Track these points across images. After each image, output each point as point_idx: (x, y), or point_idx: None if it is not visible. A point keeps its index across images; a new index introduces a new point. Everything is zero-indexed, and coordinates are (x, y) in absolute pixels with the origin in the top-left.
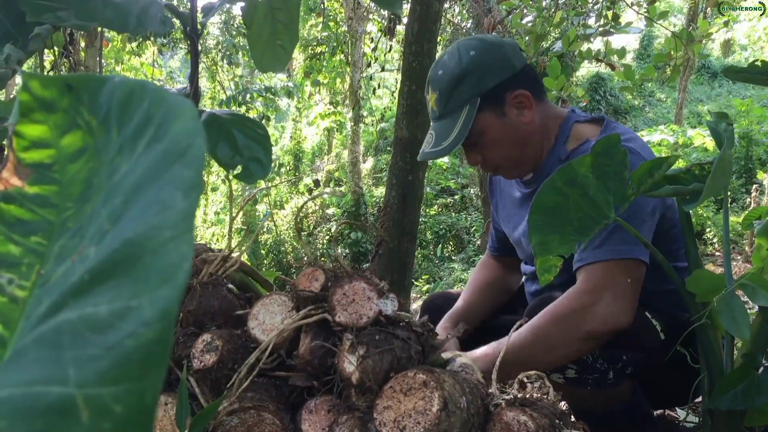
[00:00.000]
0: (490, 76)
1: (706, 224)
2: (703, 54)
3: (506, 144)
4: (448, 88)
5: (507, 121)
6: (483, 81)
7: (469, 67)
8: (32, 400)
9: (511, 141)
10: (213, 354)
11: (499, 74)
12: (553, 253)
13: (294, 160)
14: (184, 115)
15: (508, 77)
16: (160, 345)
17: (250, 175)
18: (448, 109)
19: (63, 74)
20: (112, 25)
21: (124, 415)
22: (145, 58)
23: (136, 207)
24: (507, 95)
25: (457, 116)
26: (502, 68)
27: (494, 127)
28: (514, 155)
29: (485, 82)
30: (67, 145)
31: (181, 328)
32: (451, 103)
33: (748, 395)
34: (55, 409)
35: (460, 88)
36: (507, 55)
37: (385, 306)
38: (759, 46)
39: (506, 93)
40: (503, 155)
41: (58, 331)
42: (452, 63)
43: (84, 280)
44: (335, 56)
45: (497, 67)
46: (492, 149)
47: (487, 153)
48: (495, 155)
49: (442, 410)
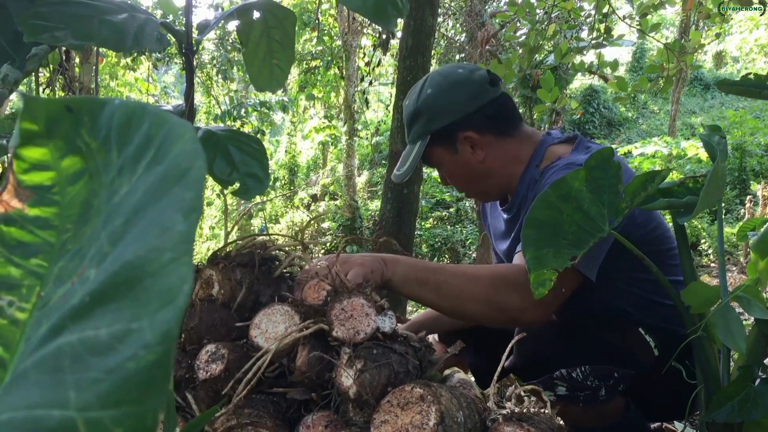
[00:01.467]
0: (439, 118)
1: (700, 235)
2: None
3: (463, 177)
4: (407, 122)
5: (460, 158)
6: (432, 121)
7: (422, 107)
8: (33, 424)
9: (467, 175)
10: (219, 363)
11: (448, 116)
12: (547, 267)
13: (289, 174)
14: (184, 137)
15: (457, 119)
16: (161, 368)
17: (247, 191)
18: (409, 140)
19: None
20: (108, 44)
21: None
22: (140, 74)
23: (137, 229)
24: (458, 135)
25: (412, 148)
26: (451, 111)
27: (448, 161)
28: (476, 185)
29: (434, 122)
30: (67, 167)
31: (179, 348)
32: (410, 135)
33: (745, 408)
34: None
35: (415, 125)
36: (462, 97)
37: (383, 323)
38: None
39: (456, 133)
40: (464, 185)
41: (58, 354)
42: (412, 97)
43: (84, 303)
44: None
45: (447, 109)
46: (453, 179)
47: (451, 181)
48: (457, 184)
49: (439, 424)
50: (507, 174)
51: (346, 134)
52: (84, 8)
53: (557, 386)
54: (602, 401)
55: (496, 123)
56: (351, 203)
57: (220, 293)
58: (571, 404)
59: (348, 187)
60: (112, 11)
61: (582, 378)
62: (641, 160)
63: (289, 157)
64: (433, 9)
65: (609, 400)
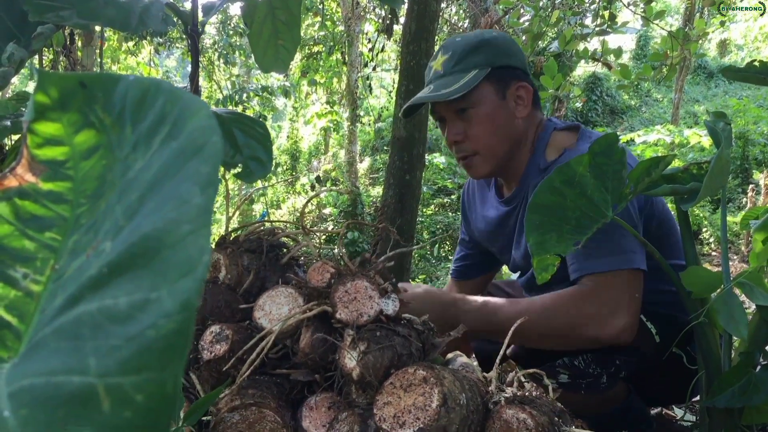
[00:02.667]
0: (506, 56)
1: (702, 224)
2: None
3: (495, 126)
4: (463, 51)
5: (503, 105)
6: (498, 56)
7: (490, 40)
8: (53, 390)
9: (500, 126)
10: (224, 344)
11: (514, 60)
12: (550, 252)
13: (291, 160)
14: (199, 113)
15: (518, 67)
16: (181, 336)
17: (250, 174)
18: (456, 69)
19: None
20: (114, 24)
21: (146, 404)
22: (142, 58)
23: (153, 202)
24: (512, 83)
25: (462, 76)
26: (517, 57)
27: (492, 103)
28: (496, 144)
29: (500, 57)
30: (80, 142)
31: None
32: (462, 63)
33: (746, 393)
34: (77, 398)
35: (475, 53)
36: (521, 54)
37: (387, 305)
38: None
39: (512, 80)
40: (487, 138)
41: (77, 322)
42: (473, 34)
43: (102, 273)
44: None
45: (514, 53)
46: (479, 126)
47: (473, 129)
48: (480, 134)
49: (441, 406)
50: (519, 149)
51: (348, 120)
52: None
53: (559, 374)
54: (604, 388)
55: (536, 93)
56: (352, 189)
57: (227, 278)
58: (574, 392)
59: (350, 173)
60: None
61: (584, 366)
62: (644, 148)
63: (291, 143)
64: None
65: (611, 387)
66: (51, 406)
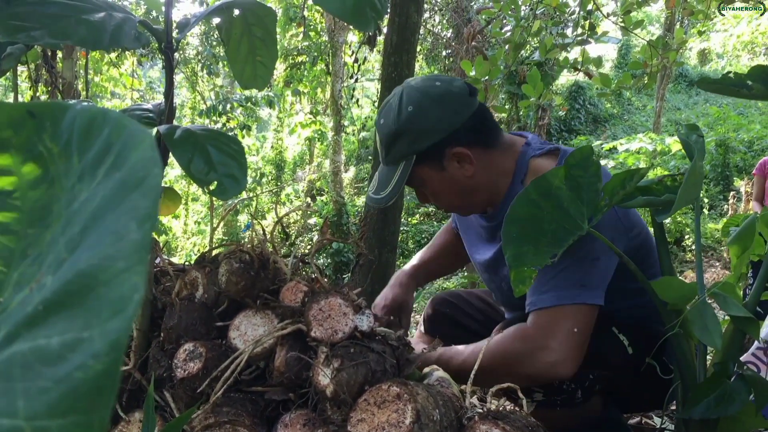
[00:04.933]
0: (425, 137)
1: (685, 231)
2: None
3: (450, 194)
4: (386, 142)
5: (447, 175)
6: (417, 142)
7: (404, 126)
8: None
9: (455, 192)
10: (197, 361)
11: (435, 135)
12: (527, 264)
13: (276, 170)
14: (143, 144)
15: (444, 136)
16: (109, 377)
17: (224, 191)
18: (388, 160)
19: (25, 102)
20: (86, 43)
21: None
22: (124, 69)
23: (93, 236)
24: (445, 151)
25: (395, 168)
26: (437, 129)
27: (434, 180)
28: (461, 203)
29: (420, 142)
30: (28, 172)
31: (158, 347)
32: (390, 156)
33: (721, 404)
34: None
35: (397, 145)
36: (446, 113)
37: (361, 322)
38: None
39: (444, 150)
40: (450, 201)
41: (9, 362)
42: (391, 117)
43: (38, 311)
44: (316, 66)
45: (432, 128)
46: (437, 198)
47: (433, 200)
48: (441, 203)
49: (414, 423)
50: (494, 187)
51: (333, 130)
52: (61, 8)
53: (534, 392)
54: (579, 403)
55: (480, 135)
56: (337, 199)
57: (204, 296)
58: (550, 408)
59: (335, 183)
60: (89, 10)
61: (558, 383)
62: (626, 156)
63: (276, 153)
64: (417, 6)
65: (586, 401)
66: None
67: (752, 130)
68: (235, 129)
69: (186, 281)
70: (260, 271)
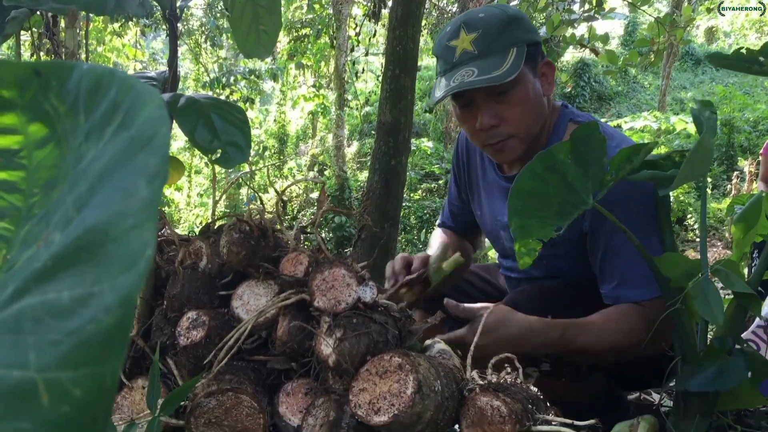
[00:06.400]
0: (534, 31)
1: (687, 210)
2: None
3: (531, 107)
4: (496, 27)
5: (537, 84)
6: (529, 31)
7: (518, 15)
8: None
9: (535, 106)
10: (200, 329)
11: (536, 35)
12: (532, 236)
13: (278, 144)
14: (151, 103)
15: (540, 42)
16: (120, 331)
17: (228, 160)
18: (493, 47)
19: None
20: (90, 8)
21: (84, 398)
22: (127, 39)
23: (101, 194)
24: (539, 59)
25: (503, 55)
26: (537, 32)
27: (530, 83)
28: (533, 124)
29: (530, 33)
30: (34, 131)
31: (161, 315)
32: (499, 41)
33: (720, 378)
34: (16, 392)
35: (511, 29)
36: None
37: (364, 293)
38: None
39: (539, 56)
40: (525, 119)
41: (19, 316)
42: (496, 10)
43: (47, 267)
44: (320, 39)
45: (535, 28)
46: (518, 107)
47: (510, 111)
48: (518, 115)
49: (416, 393)
50: (541, 129)
51: (336, 104)
52: None
53: (541, 362)
54: (584, 375)
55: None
56: (340, 174)
57: (207, 267)
58: (555, 379)
59: (337, 157)
60: None
61: None
62: (630, 134)
63: (279, 127)
64: None
65: (590, 374)
66: None
67: (758, 109)
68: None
69: (190, 251)
70: (260, 240)
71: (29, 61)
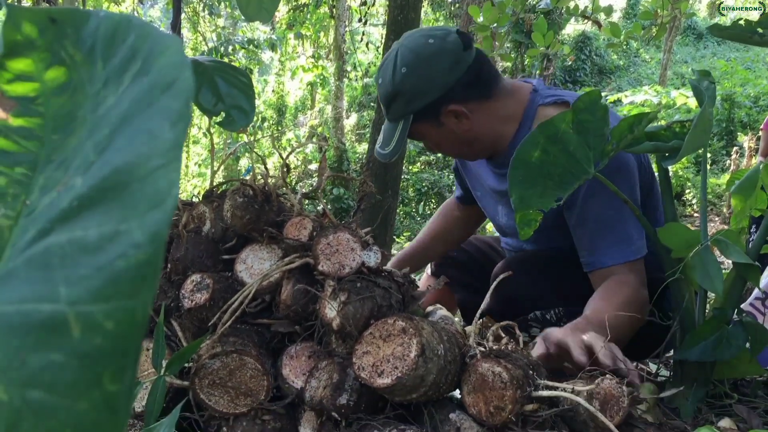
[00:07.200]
0: (419, 97)
1: (685, 185)
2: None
3: (450, 146)
4: (385, 102)
5: (445, 130)
6: (412, 102)
7: (399, 88)
8: (24, 317)
9: (455, 143)
10: (205, 292)
11: (429, 94)
12: (533, 207)
13: (277, 115)
14: (170, 49)
15: (438, 95)
16: (151, 266)
17: (232, 123)
18: (389, 118)
19: (47, 7)
20: None
21: (116, 330)
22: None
23: (123, 138)
24: (441, 109)
25: (395, 126)
26: (431, 89)
27: (433, 134)
28: (463, 152)
29: (414, 103)
30: (51, 78)
31: (165, 278)
32: (389, 114)
33: (718, 348)
34: (47, 325)
35: (394, 105)
36: (439, 72)
37: (369, 257)
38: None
39: (440, 108)
40: (452, 151)
41: (47, 252)
42: (387, 77)
43: (72, 207)
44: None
45: (426, 88)
46: (439, 149)
47: (436, 151)
48: (445, 152)
49: (419, 356)
50: (496, 135)
51: (335, 75)
52: None
53: (531, 328)
54: None
55: (477, 89)
56: (338, 146)
57: (211, 231)
58: None
59: (336, 129)
60: None
61: (556, 320)
62: (630, 108)
63: (277, 97)
64: None
65: None
66: (21, 333)
67: (759, 85)
68: None
69: (193, 215)
70: (264, 204)
71: (44, 8)
